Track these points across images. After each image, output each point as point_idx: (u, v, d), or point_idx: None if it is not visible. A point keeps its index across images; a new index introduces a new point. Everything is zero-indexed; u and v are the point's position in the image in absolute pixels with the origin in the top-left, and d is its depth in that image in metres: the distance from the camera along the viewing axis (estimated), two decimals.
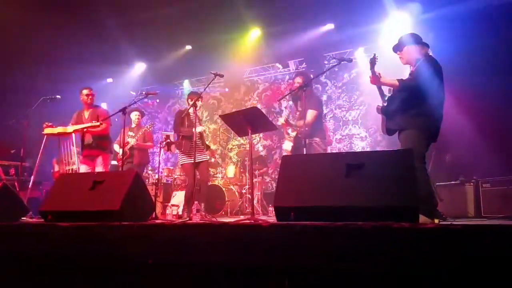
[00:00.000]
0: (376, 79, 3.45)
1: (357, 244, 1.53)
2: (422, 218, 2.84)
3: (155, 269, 1.71)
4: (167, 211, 6.44)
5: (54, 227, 2.01)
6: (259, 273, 1.65)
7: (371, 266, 1.50)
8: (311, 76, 5.86)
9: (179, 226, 1.82)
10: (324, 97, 8.46)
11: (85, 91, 5.43)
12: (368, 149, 7.76)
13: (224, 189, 6.83)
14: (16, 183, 6.03)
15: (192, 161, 4.57)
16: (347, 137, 8.21)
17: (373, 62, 3.50)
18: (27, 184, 5.47)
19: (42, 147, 5.23)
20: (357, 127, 8.14)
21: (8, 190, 3.22)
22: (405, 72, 3.68)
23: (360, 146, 8.03)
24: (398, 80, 3.40)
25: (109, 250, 1.82)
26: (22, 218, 3.36)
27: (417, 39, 3.49)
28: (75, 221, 2.05)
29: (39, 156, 5.23)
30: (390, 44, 3.66)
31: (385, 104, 3.55)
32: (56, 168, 7.28)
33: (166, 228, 1.78)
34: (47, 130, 5.12)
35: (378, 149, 7.57)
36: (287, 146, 4.79)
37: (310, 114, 4.47)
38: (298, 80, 4.69)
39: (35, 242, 2.08)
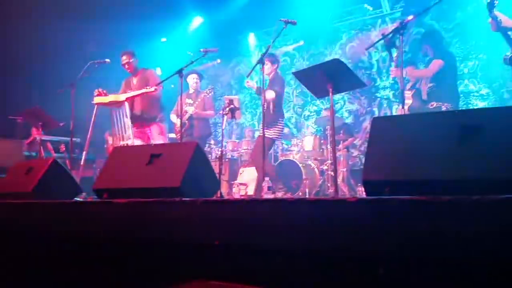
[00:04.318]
0: (497, 25, 3.49)
1: (474, 223, 1.47)
2: None
3: (222, 251, 1.81)
4: (234, 190, 6.70)
5: (110, 205, 2.21)
6: (347, 259, 1.67)
7: (494, 254, 1.43)
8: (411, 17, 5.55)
9: (249, 202, 1.90)
10: None
11: (123, 58, 5.70)
12: None
13: (301, 165, 6.88)
14: (67, 161, 6.65)
15: None
16: (462, 95, 7.75)
17: (491, 5, 3.51)
18: (79, 161, 5.97)
19: (93, 119, 5.64)
20: (475, 82, 7.72)
21: (60, 167, 3.53)
22: None
23: (479, 106, 7.60)
24: None
25: (170, 229, 1.96)
26: (75, 199, 3.70)
27: None
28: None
29: (90, 129, 5.64)
30: None
31: None
32: (110, 141, 7.83)
33: (234, 204, 1.87)
34: (98, 99, 5.50)
35: None
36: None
37: (434, 64, 4.35)
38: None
39: (91, 221, 2.31)
